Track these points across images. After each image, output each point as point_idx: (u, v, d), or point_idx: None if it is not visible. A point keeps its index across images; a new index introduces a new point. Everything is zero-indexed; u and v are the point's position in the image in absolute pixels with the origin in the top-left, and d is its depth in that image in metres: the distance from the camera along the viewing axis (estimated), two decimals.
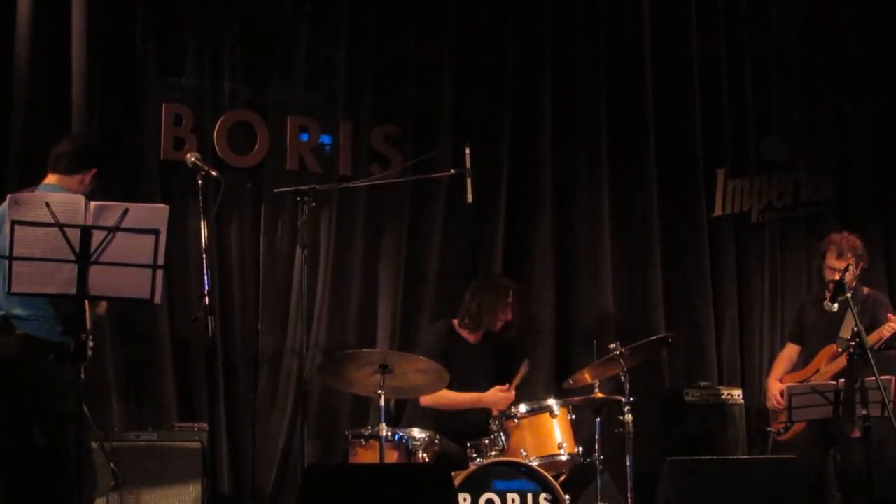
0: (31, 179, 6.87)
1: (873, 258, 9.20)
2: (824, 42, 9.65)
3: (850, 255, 7.61)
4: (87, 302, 5.28)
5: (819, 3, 9.67)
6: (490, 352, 7.71)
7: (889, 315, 7.55)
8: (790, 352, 8.09)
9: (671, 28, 9.26)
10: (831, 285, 7.53)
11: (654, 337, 7.73)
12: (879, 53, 9.61)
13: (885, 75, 9.59)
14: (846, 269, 7.03)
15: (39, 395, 5.59)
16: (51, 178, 5.87)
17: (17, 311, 5.51)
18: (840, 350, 7.42)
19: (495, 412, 7.18)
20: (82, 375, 5.46)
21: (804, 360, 7.97)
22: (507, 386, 7.30)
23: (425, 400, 7.29)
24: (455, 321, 7.68)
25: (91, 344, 5.50)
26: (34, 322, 5.56)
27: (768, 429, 7.90)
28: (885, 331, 7.40)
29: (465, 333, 7.62)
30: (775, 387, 7.82)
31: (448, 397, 7.25)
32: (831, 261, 7.70)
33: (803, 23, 9.66)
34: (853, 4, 9.64)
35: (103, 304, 5.91)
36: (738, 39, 9.48)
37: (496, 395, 7.27)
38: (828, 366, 7.56)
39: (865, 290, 7.81)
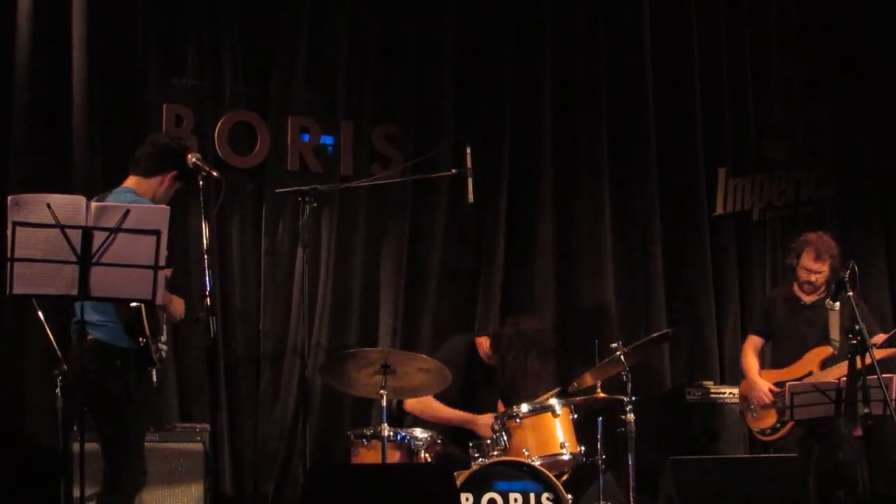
0: (32, 180, 6.91)
1: (874, 256, 9.24)
2: (825, 40, 9.65)
3: (827, 258, 7.62)
4: (143, 307, 5.42)
5: (820, 1, 9.67)
6: (498, 378, 7.63)
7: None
8: (756, 343, 8.06)
9: (672, 27, 9.27)
10: (807, 286, 7.55)
11: (655, 334, 7.73)
12: (880, 51, 9.62)
13: (886, 73, 9.60)
14: (850, 268, 6.99)
15: (107, 400, 5.60)
16: (129, 181, 5.89)
17: (91, 318, 5.52)
18: (836, 353, 7.41)
19: (480, 433, 7.12)
20: (154, 379, 5.73)
21: (777, 358, 7.94)
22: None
23: (410, 405, 7.22)
24: (480, 339, 7.55)
25: (164, 349, 5.69)
26: (104, 328, 5.60)
27: (755, 429, 7.84)
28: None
29: (485, 355, 7.50)
30: (764, 384, 7.75)
31: (435, 408, 7.19)
32: (808, 262, 7.69)
33: (804, 21, 9.66)
34: (854, 3, 9.64)
35: (178, 308, 5.94)
36: (738, 38, 9.49)
37: (489, 422, 7.06)
38: (825, 370, 7.51)
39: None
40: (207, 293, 5.65)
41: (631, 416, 6.96)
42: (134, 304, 5.42)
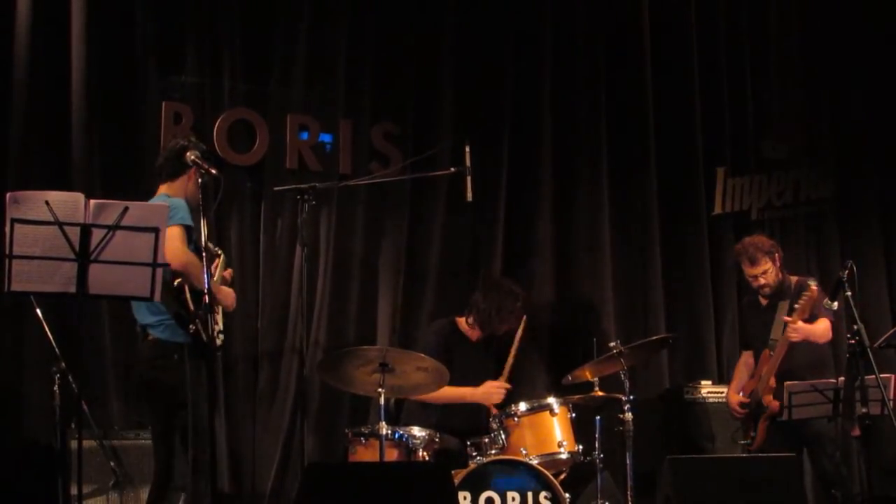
0: (32, 179, 6.90)
1: (873, 256, 9.24)
2: (824, 40, 9.65)
3: (760, 257, 7.61)
4: (187, 293, 5.76)
5: (819, 1, 9.67)
6: (492, 350, 7.71)
7: (811, 284, 7.40)
8: (746, 359, 8.04)
9: (671, 26, 9.27)
10: (762, 288, 7.55)
11: (655, 337, 7.74)
12: (879, 51, 9.62)
13: (885, 73, 9.60)
14: (848, 267, 6.96)
15: (168, 393, 5.95)
16: (160, 190, 6.17)
17: (147, 320, 5.94)
18: (771, 353, 7.43)
19: (493, 410, 7.18)
20: (218, 367, 6.25)
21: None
22: (499, 380, 7.31)
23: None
24: (459, 319, 7.66)
25: (220, 336, 6.07)
26: (160, 327, 5.93)
27: (741, 442, 7.85)
28: (804, 300, 7.28)
29: (468, 331, 7.61)
30: (733, 398, 7.80)
31: (447, 391, 7.22)
32: (747, 269, 7.72)
33: (803, 21, 9.66)
34: (853, 3, 9.64)
35: (228, 296, 6.27)
36: (738, 38, 9.49)
37: (488, 389, 7.28)
38: (765, 370, 7.53)
39: (794, 278, 7.75)
40: (206, 291, 5.65)
41: (629, 415, 6.96)
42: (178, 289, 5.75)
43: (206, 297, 5.64)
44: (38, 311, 6.14)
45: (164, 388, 5.95)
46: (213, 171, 5.96)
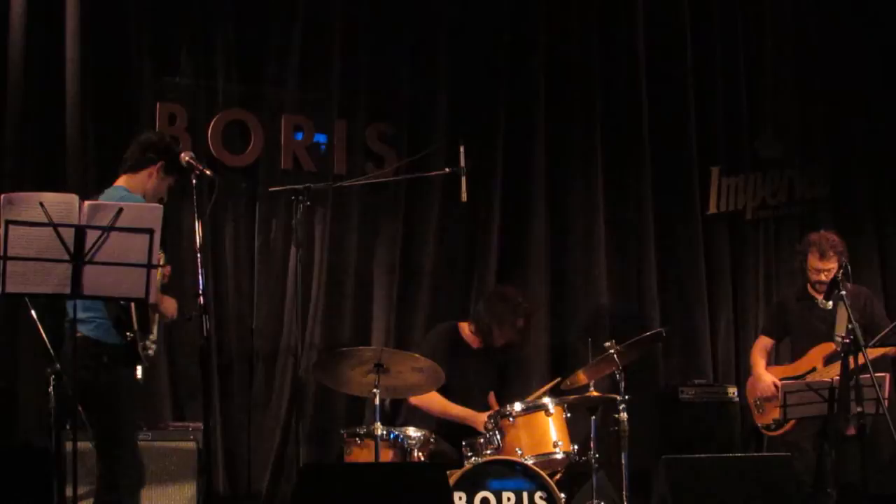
0: (26, 181, 6.89)
1: (867, 256, 9.25)
2: (818, 40, 9.65)
3: (832, 254, 7.62)
4: (132, 304, 5.47)
5: (814, 1, 9.67)
6: (492, 358, 7.69)
7: None
8: (765, 343, 8.11)
9: (666, 25, 9.27)
10: (819, 285, 7.57)
11: (648, 333, 7.74)
12: (873, 52, 9.63)
13: (879, 73, 9.62)
14: (842, 267, 7.01)
15: (95, 395, 5.67)
16: (119, 180, 5.97)
17: (79, 315, 5.54)
18: (839, 349, 7.41)
19: (481, 428, 7.15)
20: (139, 376, 5.74)
21: (792, 357, 7.98)
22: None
23: (415, 400, 7.24)
24: (462, 324, 7.65)
25: (152, 347, 5.74)
26: (91, 324, 5.67)
27: (757, 424, 7.87)
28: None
29: (469, 338, 7.59)
30: (768, 377, 7.79)
31: (439, 403, 7.23)
32: (814, 262, 7.71)
33: (798, 20, 9.67)
34: (848, 3, 9.64)
35: (170, 307, 5.95)
36: (732, 37, 9.49)
37: (484, 421, 7.14)
38: (827, 366, 7.52)
39: (849, 285, 7.78)
40: (200, 292, 5.65)
41: (624, 415, 6.94)
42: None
43: (202, 298, 5.64)
44: (33, 312, 6.11)
45: (90, 390, 5.62)
46: (208, 172, 5.96)
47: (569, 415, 7.01)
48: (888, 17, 9.58)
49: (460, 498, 6.43)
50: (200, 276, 5.69)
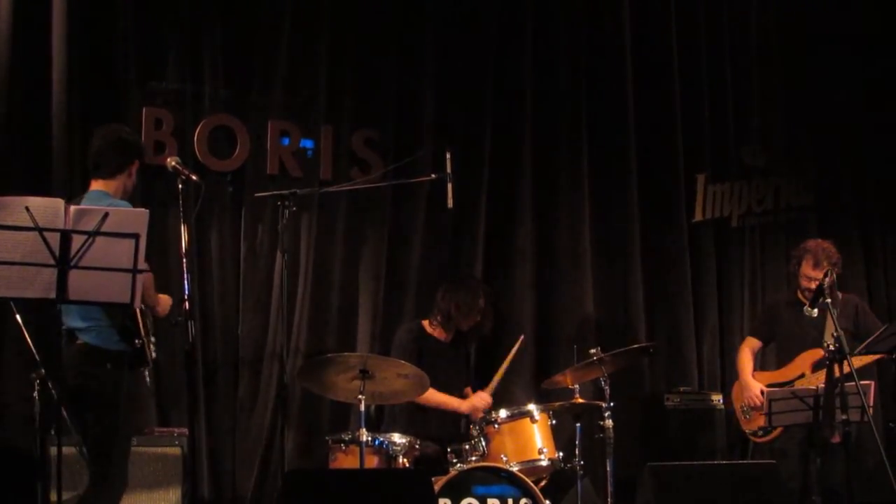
0: (11, 185, 6.87)
1: (853, 263, 9.26)
2: (805, 48, 9.69)
3: (826, 264, 7.63)
4: (138, 311, 5.54)
5: (800, 8, 9.70)
6: (464, 350, 7.76)
7: None
8: (753, 345, 8.12)
9: (652, 32, 9.30)
10: (808, 292, 7.58)
11: (636, 346, 7.75)
12: (859, 58, 9.66)
13: (864, 80, 9.66)
14: (826, 275, 7.04)
15: (96, 403, 5.73)
16: (97, 185, 5.95)
17: (77, 324, 5.65)
18: (827, 356, 7.43)
19: (474, 417, 7.20)
20: (147, 379, 5.94)
21: (777, 362, 8.00)
22: (485, 391, 7.37)
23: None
24: (425, 322, 7.71)
25: (153, 350, 5.82)
26: (92, 332, 5.70)
27: (744, 430, 7.89)
28: None
29: (436, 333, 7.63)
30: (756, 385, 7.80)
31: (439, 398, 7.33)
32: (807, 269, 7.73)
33: (784, 28, 9.70)
34: (834, 13, 9.67)
35: (166, 305, 6.01)
36: (719, 44, 9.53)
37: (475, 403, 7.39)
38: (816, 372, 7.53)
39: (841, 294, 7.81)
40: (186, 297, 5.65)
41: (609, 422, 6.96)
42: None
43: (188, 303, 5.63)
44: (18, 316, 6.09)
45: (91, 396, 5.72)
46: (194, 178, 5.94)
47: (554, 422, 7.02)
48: (872, 27, 9.63)
49: None
50: (186, 282, 5.69)
